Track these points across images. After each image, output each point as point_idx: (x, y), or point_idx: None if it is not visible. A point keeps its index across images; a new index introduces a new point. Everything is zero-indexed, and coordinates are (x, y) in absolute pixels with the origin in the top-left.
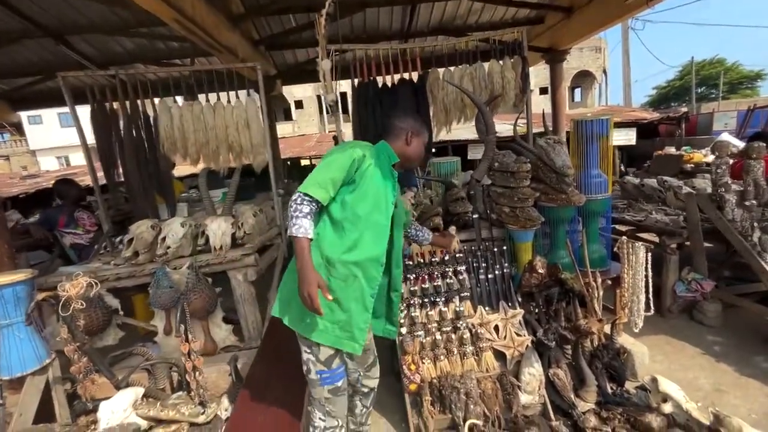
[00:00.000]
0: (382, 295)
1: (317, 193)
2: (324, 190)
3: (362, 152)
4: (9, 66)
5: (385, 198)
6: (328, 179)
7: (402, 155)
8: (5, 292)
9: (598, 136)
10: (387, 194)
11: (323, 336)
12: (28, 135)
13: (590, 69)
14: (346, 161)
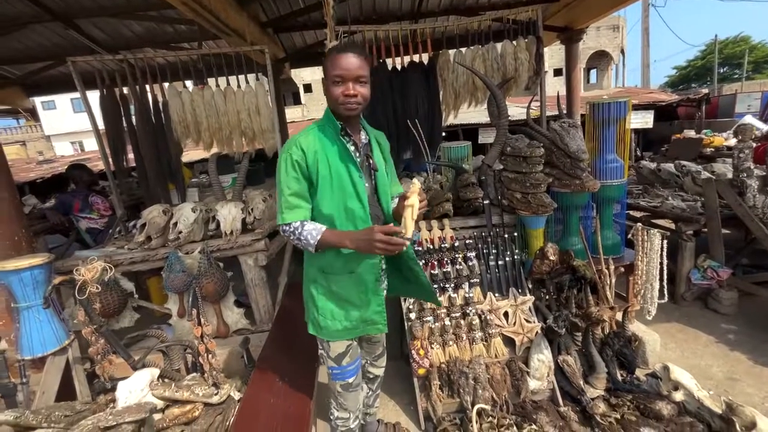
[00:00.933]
0: (400, 267)
1: (292, 216)
2: (296, 209)
3: (299, 147)
4: (21, 51)
5: (349, 178)
6: (292, 197)
7: (331, 107)
8: (24, 275)
9: (615, 119)
10: (349, 172)
11: (342, 334)
12: (42, 120)
13: (607, 49)
14: (290, 169)
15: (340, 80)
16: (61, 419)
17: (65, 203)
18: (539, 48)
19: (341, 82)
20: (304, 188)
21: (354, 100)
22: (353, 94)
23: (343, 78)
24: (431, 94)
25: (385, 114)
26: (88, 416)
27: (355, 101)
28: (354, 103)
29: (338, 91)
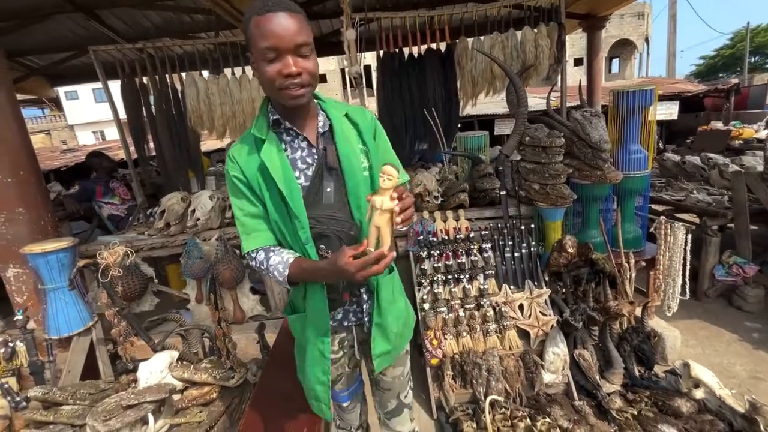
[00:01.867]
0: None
1: (252, 243)
2: (255, 233)
3: (233, 159)
4: (45, 42)
5: (283, 175)
6: (247, 218)
7: (269, 94)
8: (50, 258)
9: (640, 108)
10: (282, 168)
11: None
12: (65, 110)
13: (631, 37)
14: (234, 188)
15: (274, 54)
16: (86, 397)
17: (88, 189)
18: (561, 35)
19: (275, 58)
20: (259, 205)
21: (298, 81)
22: (295, 72)
23: (278, 50)
24: (448, 82)
25: (401, 103)
26: (112, 395)
27: (300, 82)
28: (298, 85)
29: (273, 70)
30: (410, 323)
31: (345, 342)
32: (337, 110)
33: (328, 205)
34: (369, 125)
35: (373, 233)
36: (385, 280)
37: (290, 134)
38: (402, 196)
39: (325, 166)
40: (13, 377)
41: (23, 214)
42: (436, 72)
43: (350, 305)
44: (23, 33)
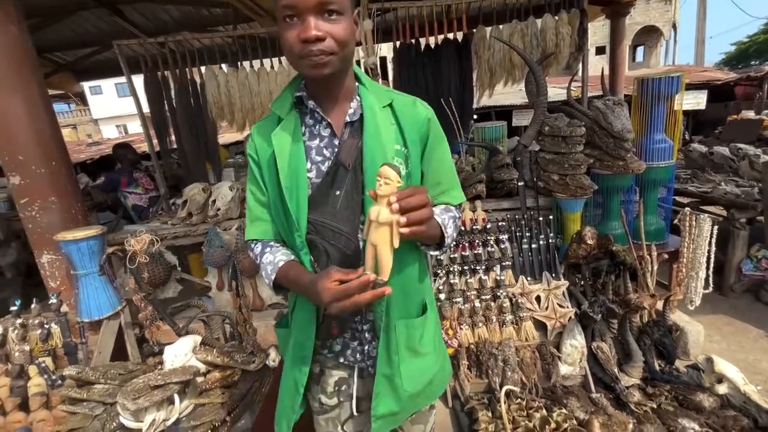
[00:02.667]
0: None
1: (252, 232)
2: (257, 222)
3: (252, 135)
4: (70, 38)
5: (289, 165)
6: (254, 204)
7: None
8: (81, 245)
9: (666, 96)
10: (291, 156)
11: None
12: (90, 105)
13: (657, 24)
14: (250, 168)
15: (292, 13)
16: (116, 377)
17: (113, 180)
18: (583, 22)
19: (295, 18)
20: (267, 193)
21: (319, 47)
22: (313, 37)
23: (297, 8)
24: (465, 72)
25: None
26: (140, 375)
27: (322, 49)
28: (319, 52)
29: (292, 34)
30: (439, 380)
31: (344, 386)
32: (377, 97)
33: (332, 212)
34: (418, 123)
35: (369, 253)
36: (410, 324)
37: (314, 117)
38: (406, 198)
39: (340, 163)
40: (48, 357)
41: (56, 203)
42: (452, 62)
43: (350, 339)
44: (51, 30)
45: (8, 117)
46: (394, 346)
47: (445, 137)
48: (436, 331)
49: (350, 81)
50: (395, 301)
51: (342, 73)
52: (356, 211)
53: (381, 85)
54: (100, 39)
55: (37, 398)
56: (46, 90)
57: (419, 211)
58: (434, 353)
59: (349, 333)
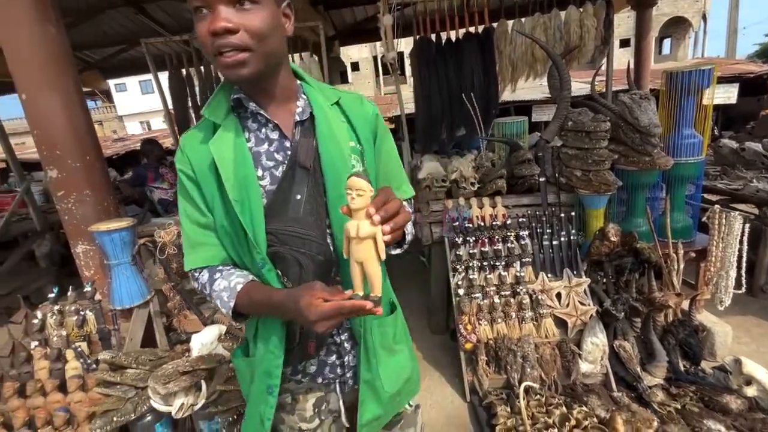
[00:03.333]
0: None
1: (194, 260)
2: (199, 247)
3: (182, 149)
4: (98, 37)
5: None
6: (191, 231)
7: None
8: (114, 236)
9: (695, 89)
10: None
11: None
12: (115, 102)
13: (686, 14)
14: (181, 187)
15: (202, 5)
16: (147, 362)
17: (140, 175)
18: (609, 13)
19: (205, 10)
20: (206, 211)
21: (231, 41)
22: (221, 29)
23: (206, 2)
24: (487, 67)
25: (437, 89)
26: (168, 362)
27: (235, 44)
28: (231, 47)
29: (203, 30)
30: (415, 378)
31: (324, 405)
32: (324, 95)
33: (295, 218)
34: (367, 119)
35: (356, 272)
36: (383, 322)
37: (257, 120)
38: (383, 206)
39: (297, 165)
40: (84, 342)
41: (90, 196)
42: (474, 56)
43: (327, 355)
44: (80, 29)
45: (47, 113)
46: (371, 349)
47: (390, 132)
48: (404, 327)
49: (289, 80)
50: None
51: (273, 72)
52: (321, 214)
53: (322, 83)
54: (126, 38)
55: (74, 380)
56: (81, 87)
57: (399, 216)
58: (407, 348)
59: (325, 349)
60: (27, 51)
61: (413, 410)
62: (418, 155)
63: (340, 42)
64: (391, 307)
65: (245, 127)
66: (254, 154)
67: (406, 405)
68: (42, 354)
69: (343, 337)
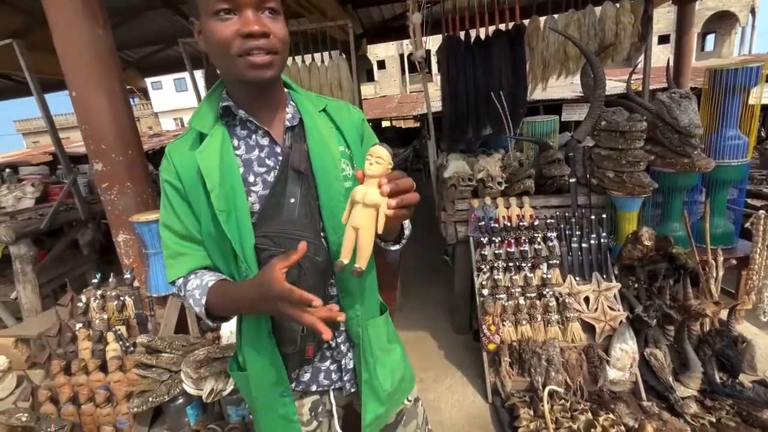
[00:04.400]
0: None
1: (174, 271)
2: (180, 257)
3: (168, 158)
4: (138, 37)
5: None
6: (172, 243)
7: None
8: (152, 226)
9: (741, 88)
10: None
11: None
12: (152, 99)
13: (732, 9)
14: (164, 197)
15: (229, 7)
16: (180, 347)
17: None
18: (648, 9)
19: (231, 12)
20: (190, 223)
21: (264, 43)
22: (259, 32)
23: (236, 3)
24: (517, 65)
25: (465, 87)
26: (199, 348)
27: (267, 46)
28: (263, 50)
29: (228, 29)
30: (408, 377)
31: (320, 407)
32: (312, 103)
33: (290, 220)
34: (354, 125)
35: (349, 237)
36: (377, 322)
37: (246, 127)
38: (396, 179)
39: (290, 169)
40: (123, 326)
41: (131, 188)
42: (503, 54)
43: (321, 361)
44: (122, 30)
45: (95, 110)
46: (368, 350)
47: (374, 135)
48: (393, 328)
49: (281, 88)
50: (363, 304)
51: (278, 79)
52: (315, 216)
53: (311, 92)
54: (163, 38)
55: (114, 361)
56: (125, 86)
57: (409, 195)
58: (399, 348)
59: (318, 355)
60: (78, 51)
61: (413, 404)
62: (443, 154)
63: (367, 40)
64: (381, 307)
65: (234, 135)
66: (245, 161)
67: (404, 401)
68: (86, 335)
69: (340, 339)
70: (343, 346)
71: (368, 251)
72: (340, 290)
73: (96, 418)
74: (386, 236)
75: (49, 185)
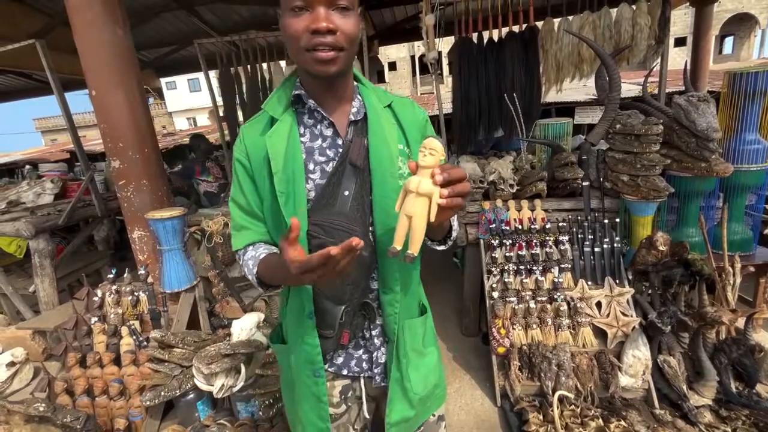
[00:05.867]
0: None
1: (237, 242)
2: (243, 230)
3: (241, 138)
4: (154, 38)
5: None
6: (238, 216)
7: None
8: (167, 223)
9: (762, 92)
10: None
11: None
12: (166, 99)
13: (752, 11)
14: (235, 174)
15: (303, 5)
16: (192, 343)
17: (189, 168)
18: (666, 10)
19: (304, 8)
20: (254, 199)
21: (329, 40)
22: (325, 28)
23: (308, 2)
24: (530, 66)
25: (477, 89)
26: (211, 344)
27: (332, 42)
28: (328, 47)
29: (299, 24)
30: (442, 385)
31: (350, 392)
32: (378, 98)
33: (341, 212)
34: (417, 124)
35: (402, 225)
36: (414, 323)
37: (313, 117)
38: (449, 170)
39: (348, 163)
40: (137, 321)
41: (146, 186)
42: (516, 56)
43: (354, 348)
44: (138, 31)
45: (113, 109)
46: (402, 349)
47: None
48: (432, 332)
49: (350, 81)
50: (402, 302)
51: (346, 73)
52: (366, 211)
53: (378, 87)
54: (178, 38)
55: (128, 355)
56: (143, 85)
57: (461, 184)
58: (435, 353)
59: (353, 342)
60: (98, 51)
61: (436, 421)
62: (454, 156)
63: (379, 42)
64: (421, 309)
65: (301, 123)
66: (308, 148)
67: (434, 412)
68: (101, 329)
69: (374, 332)
70: (377, 339)
71: (420, 238)
72: (382, 286)
73: (109, 410)
74: (434, 234)
75: (67, 182)
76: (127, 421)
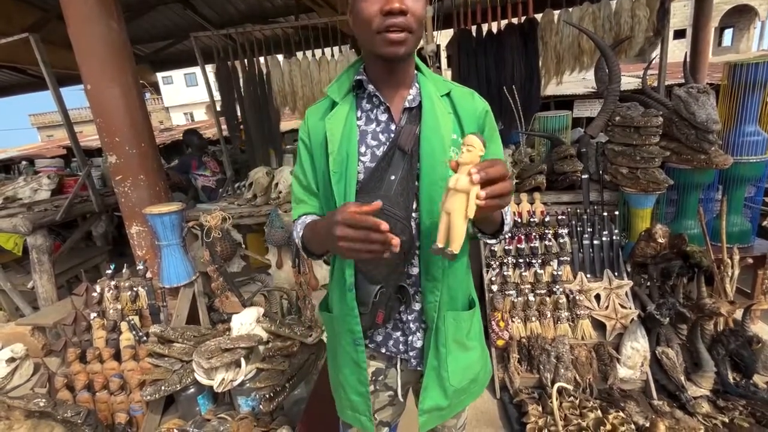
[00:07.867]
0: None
1: (294, 213)
2: (301, 204)
3: (306, 117)
4: (149, 31)
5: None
6: (298, 189)
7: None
8: (165, 219)
9: (762, 84)
10: (342, 141)
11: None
12: (162, 94)
13: (751, 3)
14: (299, 151)
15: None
16: (191, 338)
17: (185, 163)
18: (665, 2)
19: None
20: (311, 177)
21: (401, 21)
22: (398, 9)
23: None
24: (530, 59)
25: (476, 82)
26: (211, 339)
27: (403, 23)
28: (400, 28)
29: (372, 7)
30: (481, 380)
31: (381, 377)
32: (435, 86)
33: (386, 196)
34: (476, 114)
35: (443, 223)
36: (460, 316)
37: (371, 101)
38: (486, 168)
39: (397, 148)
40: (136, 316)
41: (144, 181)
42: (516, 48)
43: (393, 330)
44: (133, 24)
45: (109, 103)
46: (442, 339)
47: (498, 132)
48: (481, 328)
49: (412, 68)
50: (445, 292)
51: (410, 58)
52: (410, 197)
53: (439, 76)
54: (174, 32)
55: (128, 350)
56: (138, 79)
57: (499, 183)
58: (480, 348)
59: (392, 323)
60: (93, 45)
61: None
62: None
63: None
64: (470, 302)
65: (359, 107)
66: (362, 132)
67: (469, 402)
68: (100, 324)
69: (411, 317)
70: (413, 324)
71: (459, 236)
72: (425, 273)
73: (110, 405)
74: (484, 227)
75: (64, 177)
76: (128, 416)
